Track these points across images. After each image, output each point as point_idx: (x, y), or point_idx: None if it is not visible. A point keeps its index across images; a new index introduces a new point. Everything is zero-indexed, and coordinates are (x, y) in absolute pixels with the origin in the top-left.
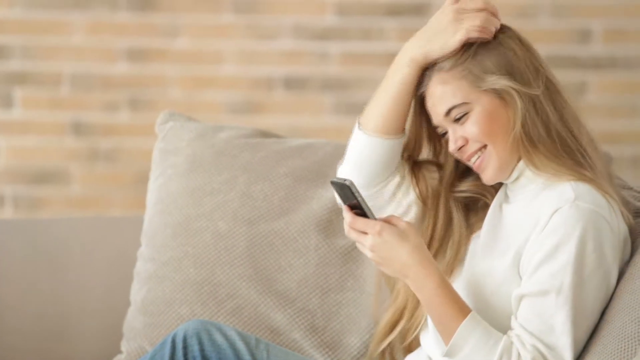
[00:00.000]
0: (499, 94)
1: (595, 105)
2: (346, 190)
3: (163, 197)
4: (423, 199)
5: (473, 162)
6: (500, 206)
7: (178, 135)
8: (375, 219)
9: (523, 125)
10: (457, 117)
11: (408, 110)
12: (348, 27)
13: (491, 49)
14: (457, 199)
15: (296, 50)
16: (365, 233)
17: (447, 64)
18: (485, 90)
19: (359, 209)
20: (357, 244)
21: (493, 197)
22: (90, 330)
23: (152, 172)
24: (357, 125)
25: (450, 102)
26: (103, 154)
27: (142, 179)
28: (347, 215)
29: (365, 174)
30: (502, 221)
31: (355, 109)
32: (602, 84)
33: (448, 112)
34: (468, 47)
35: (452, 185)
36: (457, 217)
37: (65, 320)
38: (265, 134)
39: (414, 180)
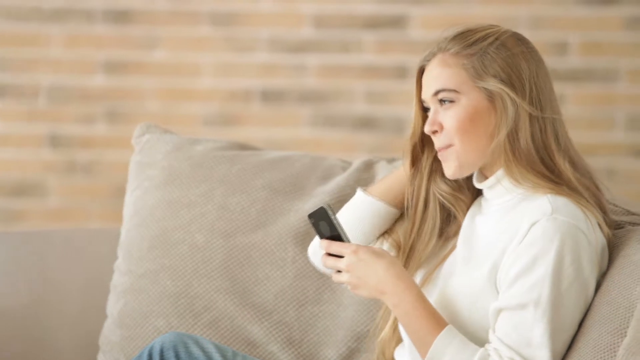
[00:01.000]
0: (491, 96)
1: (573, 117)
2: (324, 216)
3: (140, 209)
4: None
5: (439, 153)
6: (474, 219)
7: (155, 148)
8: (350, 242)
9: (509, 135)
10: (443, 99)
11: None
12: (325, 39)
13: (504, 54)
14: (437, 199)
15: (273, 62)
16: (342, 257)
17: (454, 47)
18: (479, 87)
19: (335, 239)
20: (333, 275)
21: (464, 212)
22: (67, 343)
23: (128, 185)
24: (359, 191)
25: (442, 84)
26: (80, 166)
27: (119, 192)
28: (324, 242)
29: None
30: (477, 234)
31: (333, 122)
32: (579, 96)
33: (437, 93)
34: (482, 40)
35: (435, 175)
36: (433, 208)
37: (42, 332)
38: (242, 147)
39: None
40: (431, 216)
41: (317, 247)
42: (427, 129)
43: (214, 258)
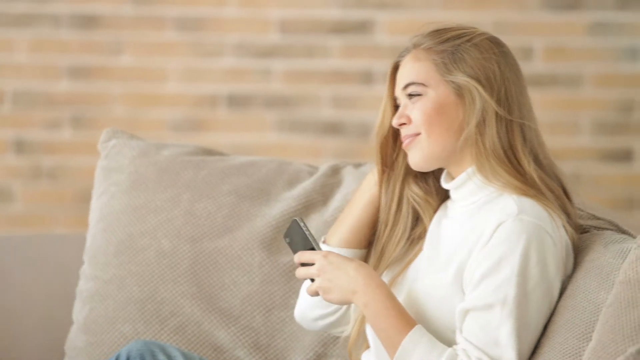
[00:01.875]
0: (460, 91)
1: (538, 122)
2: (296, 229)
3: (106, 215)
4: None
5: (405, 142)
6: (440, 222)
7: (121, 153)
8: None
9: (478, 127)
10: (411, 93)
11: (370, 228)
12: (291, 44)
13: (476, 54)
14: (409, 202)
15: (240, 67)
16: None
17: (427, 43)
18: (447, 81)
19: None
20: (308, 289)
21: (431, 216)
22: (32, 349)
23: (94, 190)
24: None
25: (412, 77)
26: (46, 171)
27: (85, 197)
28: (297, 256)
29: None
30: (442, 237)
31: (299, 127)
32: (544, 101)
33: (406, 87)
34: (455, 38)
35: (408, 177)
36: (405, 210)
37: (7, 338)
38: (208, 152)
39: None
40: (403, 218)
41: (304, 310)
42: (394, 122)
43: (181, 263)
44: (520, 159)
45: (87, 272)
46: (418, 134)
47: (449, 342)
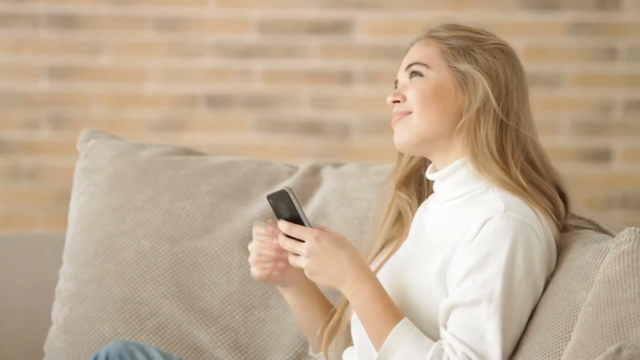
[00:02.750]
0: (463, 78)
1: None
2: (284, 198)
3: (85, 215)
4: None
5: (394, 119)
6: (422, 216)
7: (100, 153)
8: (311, 226)
9: (478, 116)
10: (413, 71)
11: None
12: (271, 44)
13: (486, 56)
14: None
15: (219, 67)
16: (302, 241)
17: (440, 33)
18: (451, 67)
19: (294, 221)
20: (290, 257)
21: (414, 214)
22: (11, 350)
23: (74, 190)
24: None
25: (416, 58)
26: (24, 172)
27: (64, 197)
28: (284, 224)
29: None
30: (425, 231)
31: (279, 127)
32: None
33: (409, 66)
34: (469, 38)
35: (403, 182)
36: (392, 216)
37: None
38: (188, 152)
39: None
40: (388, 223)
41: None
42: (389, 98)
43: (160, 263)
44: (508, 161)
45: (66, 272)
46: (409, 113)
47: (431, 337)
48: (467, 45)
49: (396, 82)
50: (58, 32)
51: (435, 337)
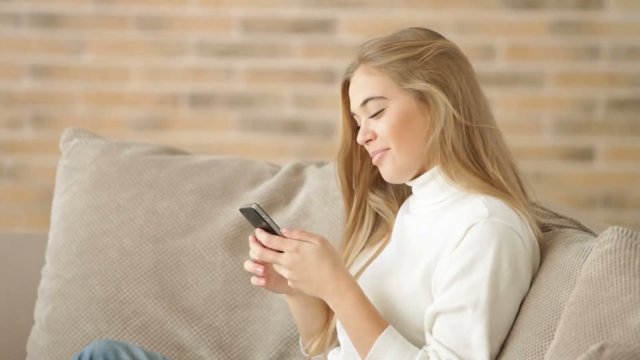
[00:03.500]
0: (421, 97)
1: (499, 122)
2: (254, 215)
3: (68, 214)
4: (347, 186)
5: (374, 157)
6: (404, 220)
7: (83, 152)
8: (285, 237)
9: (443, 131)
10: (373, 112)
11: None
12: (253, 43)
13: (428, 62)
14: (372, 209)
15: (201, 66)
16: (281, 252)
17: (377, 57)
18: (406, 89)
19: (269, 231)
20: (275, 265)
21: (394, 217)
22: None
23: (56, 189)
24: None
25: (369, 92)
26: (7, 171)
27: (46, 196)
28: (263, 235)
29: None
30: (408, 236)
31: (261, 126)
32: (506, 100)
33: (365, 103)
34: (404, 50)
35: (373, 187)
36: (368, 218)
37: None
38: (171, 151)
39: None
40: (365, 225)
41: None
42: (360, 139)
43: (143, 263)
44: (483, 162)
45: (49, 272)
46: (387, 149)
47: (414, 343)
48: (411, 64)
49: (352, 114)
50: (40, 31)
51: (421, 343)
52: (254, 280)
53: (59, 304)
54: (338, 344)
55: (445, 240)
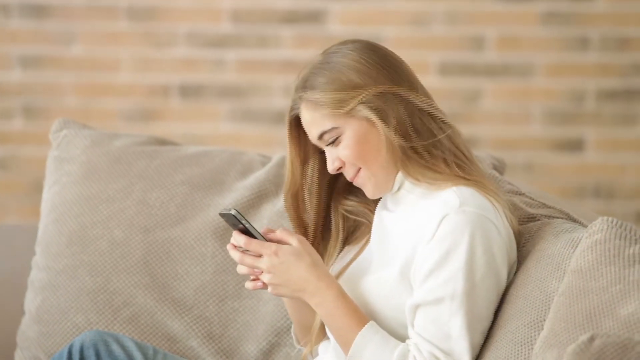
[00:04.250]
0: (363, 114)
1: (489, 112)
2: (233, 220)
3: (58, 205)
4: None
5: (353, 180)
6: (382, 217)
7: (73, 143)
8: (265, 240)
9: (392, 135)
10: (330, 140)
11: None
12: (244, 34)
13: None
14: (343, 214)
15: (192, 57)
16: (260, 256)
17: (315, 94)
18: (349, 114)
19: (248, 234)
20: (255, 271)
21: (372, 215)
22: None
23: (46, 180)
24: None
25: (320, 127)
26: None
27: (37, 187)
28: (241, 238)
29: None
30: (387, 232)
31: (252, 116)
32: (496, 91)
33: (320, 136)
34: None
35: (341, 195)
36: (335, 225)
37: None
38: (161, 142)
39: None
40: (334, 233)
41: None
42: (330, 169)
43: (133, 253)
44: (436, 156)
45: (39, 262)
46: (359, 169)
47: (401, 338)
48: (349, 100)
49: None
50: (30, 22)
51: (406, 337)
52: (249, 285)
53: (49, 294)
54: (328, 337)
55: (421, 233)
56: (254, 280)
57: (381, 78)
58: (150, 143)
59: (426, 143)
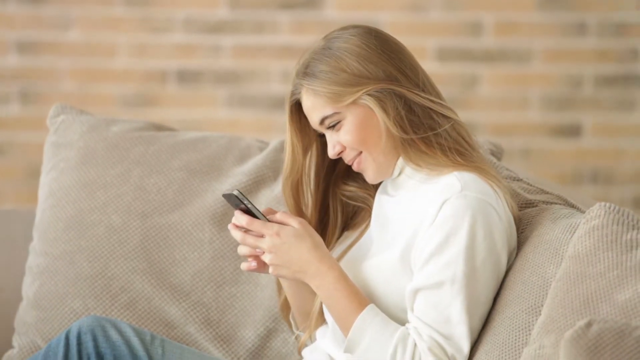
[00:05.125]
0: (365, 101)
1: (487, 98)
2: (236, 201)
3: (55, 190)
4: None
5: (353, 165)
6: (382, 201)
7: (70, 129)
8: (268, 221)
9: (392, 122)
10: (331, 125)
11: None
12: (241, 20)
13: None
14: (341, 200)
15: (189, 43)
16: (262, 236)
17: (316, 82)
18: (352, 100)
19: (250, 215)
20: (257, 251)
21: (373, 200)
22: None
23: (44, 166)
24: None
25: (321, 112)
26: None
27: (34, 173)
28: (243, 217)
29: None
30: (387, 216)
31: (249, 102)
32: (494, 77)
33: (322, 121)
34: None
35: (340, 180)
36: (334, 211)
37: None
38: (158, 127)
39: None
40: (332, 219)
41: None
42: (331, 153)
43: (131, 239)
44: (435, 145)
45: (36, 248)
46: (360, 153)
47: (401, 322)
48: (339, 84)
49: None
50: (27, 7)
51: (406, 322)
52: (244, 265)
53: (46, 280)
54: (326, 322)
55: (422, 217)
56: (250, 261)
57: (382, 64)
58: (148, 129)
59: (424, 136)
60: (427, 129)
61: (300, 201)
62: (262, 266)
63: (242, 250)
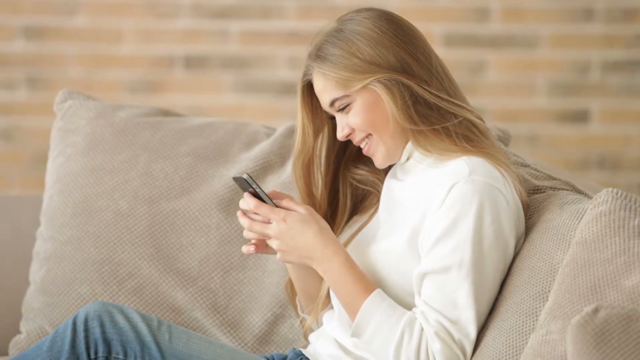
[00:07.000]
0: (375, 86)
1: (494, 84)
2: (245, 184)
3: (62, 176)
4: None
5: (362, 147)
6: (391, 185)
7: (77, 114)
8: (275, 206)
9: (400, 111)
10: (341, 107)
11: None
12: (248, 5)
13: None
14: (351, 183)
15: (196, 28)
16: (268, 221)
17: (328, 64)
18: (361, 85)
19: (258, 198)
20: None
21: (382, 184)
22: None
23: (51, 152)
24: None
25: (332, 94)
26: (1, 133)
27: (41, 158)
28: (252, 200)
29: None
30: (395, 200)
31: (256, 88)
32: (500, 63)
33: (332, 103)
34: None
35: (351, 163)
36: (343, 195)
37: None
38: (165, 113)
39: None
40: (342, 202)
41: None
42: (340, 135)
43: (138, 225)
44: (444, 133)
45: (44, 234)
46: (369, 135)
47: (408, 306)
48: (349, 70)
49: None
50: None
51: (413, 306)
52: (244, 248)
53: (54, 265)
54: (332, 306)
55: (430, 201)
56: (249, 245)
57: (394, 48)
58: (155, 114)
59: (429, 128)
60: (435, 122)
61: (311, 182)
62: (264, 247)
63: (248, 234)
